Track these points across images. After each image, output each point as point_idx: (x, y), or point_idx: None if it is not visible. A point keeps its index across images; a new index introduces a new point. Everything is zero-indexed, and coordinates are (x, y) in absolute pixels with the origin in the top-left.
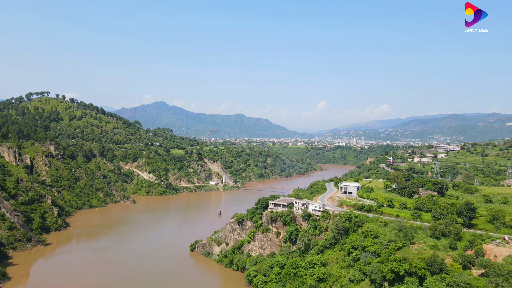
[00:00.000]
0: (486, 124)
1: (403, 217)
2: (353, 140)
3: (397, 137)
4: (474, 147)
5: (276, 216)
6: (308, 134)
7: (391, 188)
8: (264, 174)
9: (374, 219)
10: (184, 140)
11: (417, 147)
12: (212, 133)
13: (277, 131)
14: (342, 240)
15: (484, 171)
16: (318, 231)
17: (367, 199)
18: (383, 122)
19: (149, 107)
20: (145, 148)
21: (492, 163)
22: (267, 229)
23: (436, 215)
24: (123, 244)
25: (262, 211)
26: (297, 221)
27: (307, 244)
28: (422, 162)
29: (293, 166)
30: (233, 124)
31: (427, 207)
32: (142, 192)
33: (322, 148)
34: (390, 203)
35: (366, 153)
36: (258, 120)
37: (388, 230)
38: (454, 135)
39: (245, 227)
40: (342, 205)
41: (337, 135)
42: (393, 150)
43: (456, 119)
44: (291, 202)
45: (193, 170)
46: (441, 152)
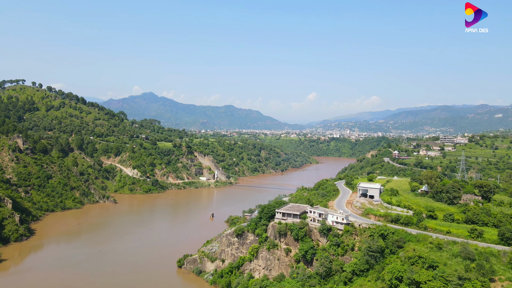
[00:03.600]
0: (475, 115)
1: (456, 234)
2: (346, 131)
3: (388, 128)
4: (483, 139)
5: (285, 228)
6: (299, 126)
7: (421, 191)
8: (259, 168)
9: (420, 238)
10: (172, 132)
11: (422, 140)
12: (202, 125)
13: (268, 122)
14: (378, 265)
15: (499, 166)
16: (342, 251)
17: (397, 205)
18: (373, 114)
19: (138, 98)
20: (130, 141)
21: (505, 157)
22: (274, 245)
23: (506, 233)
24: (99, 258)
25: (267, 221)
26: (313, 236)
27: (329, 268)
28: (430, 156)
29: (288, 159)
30: (224, 115)
31: (481, 220)
32: (125, 190)
33: (316, 140)
34: (431, 213)
35: (361, 145)
36: (248, 111)
37: (447, 256)
38: (444, 127)
39: (245, 241)
40: (368, 215)
41: (328, 127)
42: (396, 143)
43: (446, 111)
44: (304, 210)
45: (182, 165)
46: (448, 144)
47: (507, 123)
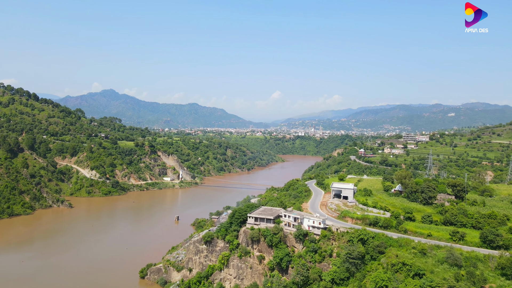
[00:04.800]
0: (430, 114)
1: (437, 237)
2: (311, 130)
3: (350, 126)
4: (443, 137)
5: (258, 234)
6: (263, 124)
7: (394, 191)
8: (225, 168)
9: (402, 242)
10: (134, 130)
11: (384, 138)
12: (165, 123)
13: (233, 120)
14: (359, 273)
15: (459, 163)
16: (319, 257)
17: (373, 207)
18: (335, 112)
19: (97, 96)
20: (88, 141)
21: (464, 154)
22: (246, 252)
23: (489, 236)
24: (51, 270)
25: (238, 227)
26: (288, 242)
27: (306, 276)
28: (394, 154)
29: (254, 158)
30: (188, 113)
31: (460, 221)
32: (82, 193)
33: (282, 139)
34: (409, 214)
35: (326, 143)
36: (213, 109)
37: (432, 263)
38: (402, 125)
39: (215, 248)
40: (345, 217)
41: (293, 125)
42: (361, 141)
43: (404, 110)
44: (278, 214)
45: (145, 165)
46: (411, 142)
47: (459, 122)
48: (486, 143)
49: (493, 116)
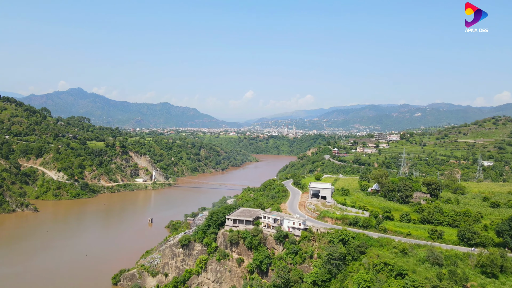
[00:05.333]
0: (399, 114)
1: (416, 236)
2: (284, 129)
3: (322, 126)
4: (412, 136)
5: (237, 237)
6: (236, 124)
7: (371, 190)
8: (198, 168)
9: (382, 242)
10: (104, 130)
11: (356, 137)
12: (136, 123)
13: (206, 120)
14: (341, 274)
15: (428, 161)
16: (300, 259)
17: (352, 206)
18: (307, 112)
19: (64, 94)
20: (54, 141)
21: (433, 153)
22: (225, 255)
23: (466, 234)
24: (12, 279)
25: (216, 229)
26: (268, 244)
27: (286, 278)
28: (367, 153)
29: (228, 158)
30: (159, 113)
31: (437, 219)
32: (48, 196)
33: (255, 138)
34: (388, 213)
35: (299, 143)
36: (185, 109)
37: (414, 262)
38: (372, 124)
39: (192, 251)
40: (324, 218)
41: (266, 125)
42: (335, 140)
43: (373, 110)
44: (257, 216)
45: (116, 166)
46: (382, 141)
47: (425, 121)
48: (453, 142)
49: (456, 116)
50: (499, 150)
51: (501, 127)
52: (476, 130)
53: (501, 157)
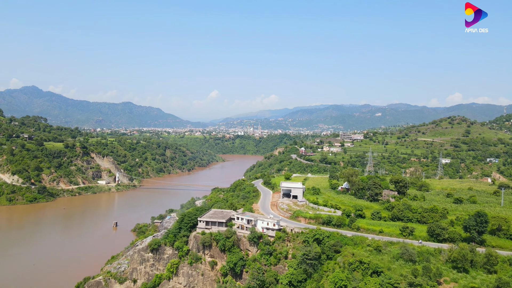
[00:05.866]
0: (360, 114)
1: (388, 233)
2: (250, 129)
3: (287, 126)
4: (375, 135)
5: (210, 239)
6: (201, 124)
7: (341, 188)
8: (164, 169)
9: (356, 240)
10: (63, 131)
11: (320, 136)
12: (97, 123)
13: (170, 120)
14: (316, 273)
15: (391, 160)
16: (275, 260)
17: (324, 205)
18: (272, 112)
19: (17, 93)
20: (7, 142)
21: (395, 151)
22: (198, 259)
23: (436, 230)
24: None
25: (188, 232)
26: (241, 246)
27: (262, 280)
28: (333, 152)
29: (194, 158)
30: (121, 113)
31: (406, 216)
32: (2, 201)
33: (221, 138)
34: (360, 212)
35: (265, 142)
36: (149, 108)
37: (388, 259)
38: (335, 124)
39: (162, 256)
40: (297, 217)
41: (231, 124)
42: (302, 140)
43: (336, 110)
44: (230, 217)
45: (76, 168)
46: (347, 141)
47: (385, 121)
48: (413, 140)
49: (413, 116)
50: (455, 148)
51: (456, 127)
52: (434, 130)
53: (457, 155)
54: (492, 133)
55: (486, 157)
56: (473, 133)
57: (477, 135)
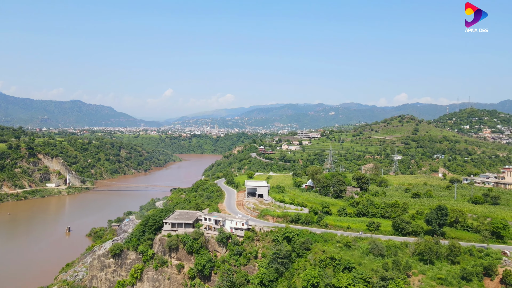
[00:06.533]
0: (315, 113)
1: (356, 229)
2: (206, 128)
3: (243, 125)
4: (332, 134)
5: (177, 241)
6: (156, 123)
7: (306, 186)
8: (119, 170)
9: (326, 237)
10: (5, 130)
11: (278, 135)
12: (42, 122)
13: (122, 119)
14: (288, 272)
15: (347, 157)
16: (244, 260)
17: (290, 203)
18: (228, 111)
19: None
20: None
21: (350, 149)
22: (163, 262)
23: (400, 224)
24: None
25: (153, 235)
26: (210, 247)
27: (231, 281)
28: (292, 150)
29: (150, 158)
30: (70, 111)
31: (370, 211)
32: None
33: (178, 137)
34: (326, 208)
35: (222, 141)
36: (99, 107)
37: (358, 255)
38: (291, 123)
39: (125, 261)
40: (265, 216)
41: (187, 123)
42: (260, 138)
43: (292, 109)
44: (197, 218)
45: (21, 170)
46: (305, 139)
47: (338, 120)
48: (367, 138)
49: (364, 115)
50: (405, 146)
51: (405, 125)
52: (385, 128)
53: (407, 151)
54: (438, 131)
55: (433, 153)
56: (421, 131)
57: (424, 132)
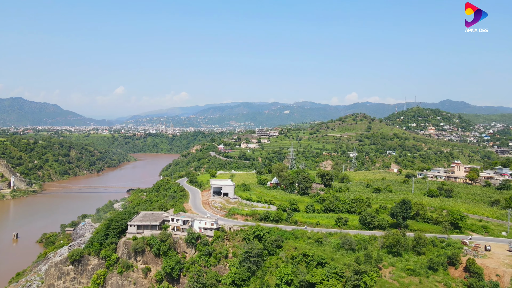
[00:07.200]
0: (270, 111)
1: (325, 225)
2: (162, 127)
3: (199, 123)
4: (290, 132)
5: (143, 244)
6: (107, 121)
7: (271, 184)
8: (69, 171)
9: (297, 234)
10: None
11: (235, 133)
12: None
13: (70, 118)
14: (260, 270)
15: (305, 154)
16: (215, 260)
17: (258, 201)
18: (183, 109)
19: None
20: None
21: (308, 147)
22: (129, 267)
23: (367, 219)
24: None
25: (116, 238)
26: (178, 248)
27: (202, 283)
28: (251, 148)
29: (103, 159)
30: (9, 109)
31: (337, 207)
32: None
33: (132, 136)
34: (294, 205)
35: (179, 140)
36: (44, 105)
37: (330, 250)
38: (247, 121)
39: (86, 267)
40: (234, 215)
41: (140, 122)
42: (218, 137)
43: (247, 107)
44: (164, 219)
45: None
46: (263, 137)
47: (293, 118)
48: (324, 136)
49: (318, 113)
50: (359, 143)
51: (359, 123)
52: (341, 126)
53: (361, 148)
54: (389, 128)
55: (385, 150)
56: (373, 128)
57: (376, 130)
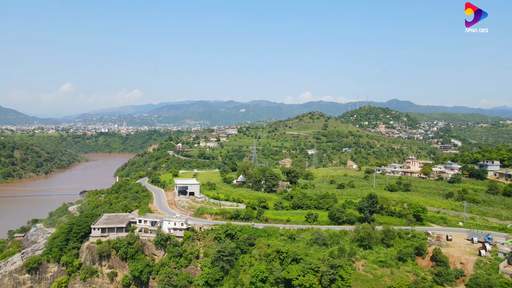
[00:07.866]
0: (226, 110)
1: (295, 221)
2: (114, 126)
3: (153, 122)
4: (248, 130)
5: (109, 248)
6: (53, 120)
7: (237, 182)
8: (13, 173)
9: (269, 231)
10: None
11: (200, 132)
12: None
13: (10, 116)
14: (234, 269)
15: (265, 152)
16: (185, 261)
17: (226, 200)
18: (136, 108)
19: None
20: None
21: (267, 145)
22: (93, 272)
23: (336, 214)
24: None
25: (78, 243)
26: (146, 251)
27: (173, 285)
28: (210, 147)
29: (51, 159)
30: None
31: (305, 204)
32: None
33: (82, 136)
34: (263, 203)
35: (133, 139)
36: None
37: (304, 246)
38: (202, 120)
39: (45, 275)
40: (202, 214)
41: (89, 121)
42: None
43: (203, 105)
44: (130, 221)
45: None
46: (222, 136)
47: (249, 117)
48: (282, 134)
49: (273, 112)
50: (317, 140)
51: (316, 121)
52: (298, 124)
53: (319, 146)
54: (344, 126)
55: (342, 147)
56: (329, 126)
57: (332, 128)
